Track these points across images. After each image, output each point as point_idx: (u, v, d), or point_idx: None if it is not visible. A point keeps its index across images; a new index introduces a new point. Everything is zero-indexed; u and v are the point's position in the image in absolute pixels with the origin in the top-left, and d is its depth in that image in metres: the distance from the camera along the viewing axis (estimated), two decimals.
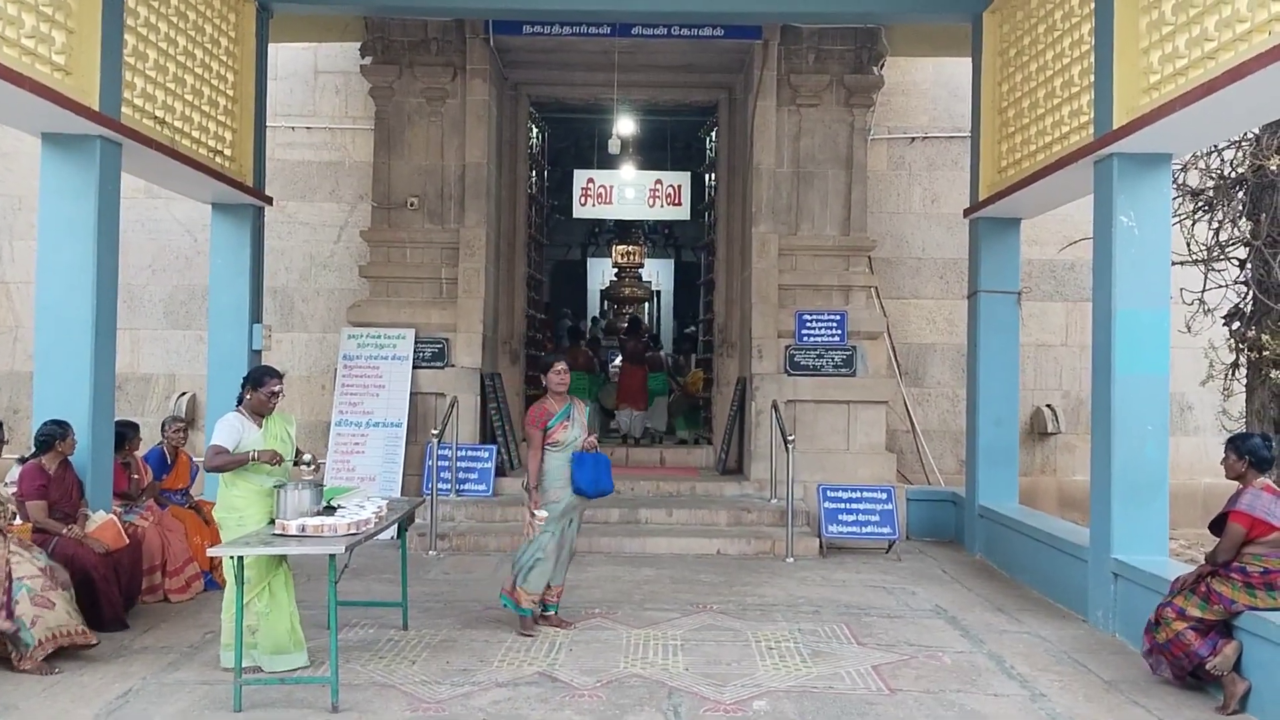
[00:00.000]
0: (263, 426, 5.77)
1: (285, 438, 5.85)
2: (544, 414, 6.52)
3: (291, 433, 5.94)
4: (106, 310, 6.82)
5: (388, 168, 10.39)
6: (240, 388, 5.86)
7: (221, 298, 9.08)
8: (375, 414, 9.93)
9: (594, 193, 17.76)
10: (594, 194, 17.77)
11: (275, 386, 5.78)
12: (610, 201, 17.78)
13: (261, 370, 5.85)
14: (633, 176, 17.82)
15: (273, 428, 5.81)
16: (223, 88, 8.55)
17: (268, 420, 5.81)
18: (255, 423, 5.75)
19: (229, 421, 5.69)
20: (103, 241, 6.73)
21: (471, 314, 10.20)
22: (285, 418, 5.97)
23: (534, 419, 6.52)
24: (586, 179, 17.65)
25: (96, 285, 6.68)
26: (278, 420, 5.87)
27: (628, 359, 13.64)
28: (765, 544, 9.06)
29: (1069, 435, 11.49)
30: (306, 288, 11.26)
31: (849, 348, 10.24)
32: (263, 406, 5.76)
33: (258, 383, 5.77)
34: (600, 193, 17.72)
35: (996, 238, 9.32)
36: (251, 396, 5.76)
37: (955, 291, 11.39)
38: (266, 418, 5.81)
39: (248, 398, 5.78)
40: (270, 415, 5.83)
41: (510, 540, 8.98)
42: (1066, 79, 7.67)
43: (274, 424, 5.83)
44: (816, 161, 10.45)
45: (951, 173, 11.38)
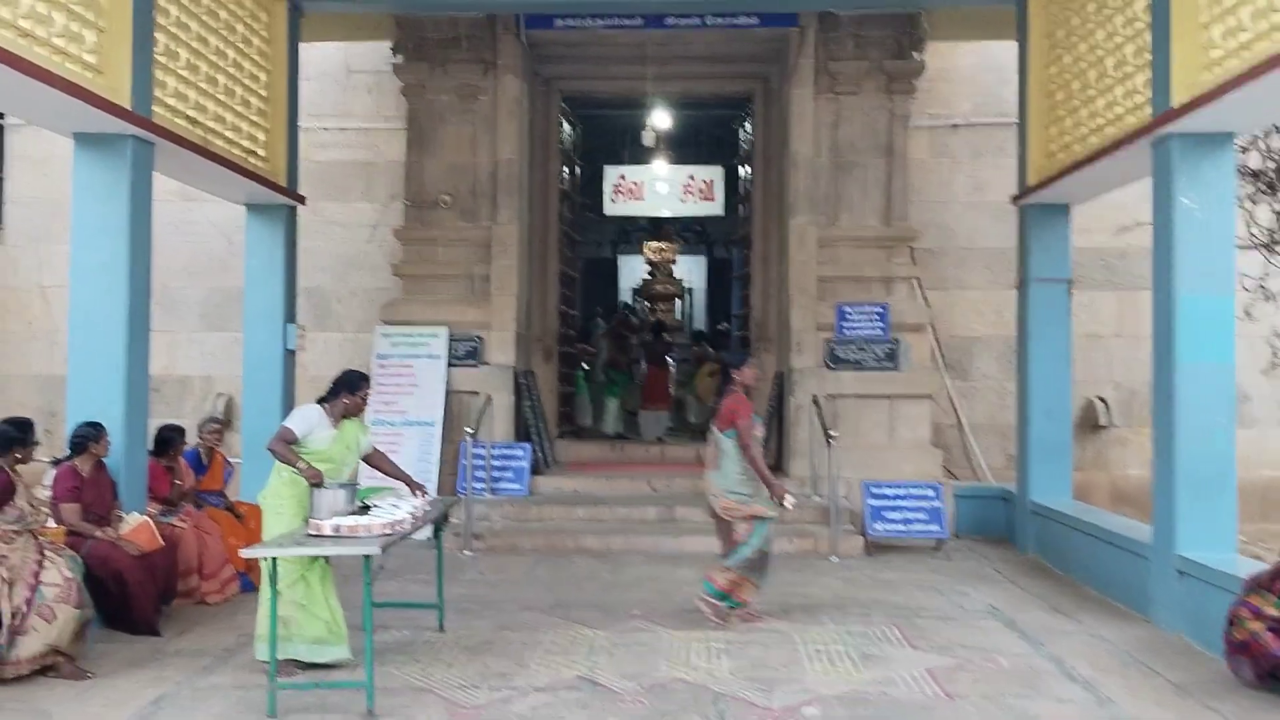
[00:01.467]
0: (339, 428, 5.63)
1: (351, 446, 5.71)
2: (751, 408, 6.47)
3: (364, 442, 5.79)
4: (139, 311, 6.73)
5: (420, 166, 10.27)
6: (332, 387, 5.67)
7: (256, 298, 8.98)
8: (410, 413, 9.80)
9: (625, 189, 17.58)
10: (625, 190, 17.58)
11: (367, 394, 5.66)
12: (642, 197, 17.57)
13: (358, 375, 5.72)
14: (665, 172, 17.57)
15: (347, 433, 5.68)
16: (255, 87, 8.46)
17: (344, 424, 5.67)
18: (332, 422, 5.60)
19: (308, 411, 5.58)
20: (135, 242, 6.64)
21: (505, 311, 10.05)
22: (361, 426, 5.83)
23: (746, 411, 6.43)
24: (618, 175, 17.47)
25: (129, 286, 6.59)
26: (353, 426, 5.73)
27: (651, 360, 13.48)
28: (808, 542, 8.83)
29: (1122, 429, 11.16)
30: (340, 287, 11.17)
31: (891, 341, 9.99)
32: (356, 410, 5.66)
33: (354, 386, 5.64)
34: (632, 189, 17.52)
35: (1046, 225, 9.04)
36: (349, 400, 5.61)
37: (1002, 282, 11.08)
38: (344, 421, 5.66)
39: (345, 401, 5.61)
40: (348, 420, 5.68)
41: (545, 540, 8.85)
42: (1119, 58, 7.40)
43: (349, 429, 5.69)
44: (856, 150, 10.21)
45: (997, 159, 11.08)
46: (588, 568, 8.25)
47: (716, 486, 6.54)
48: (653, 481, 10.05)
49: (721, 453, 6.51)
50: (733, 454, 6.45)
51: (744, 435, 6.39)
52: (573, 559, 8.55)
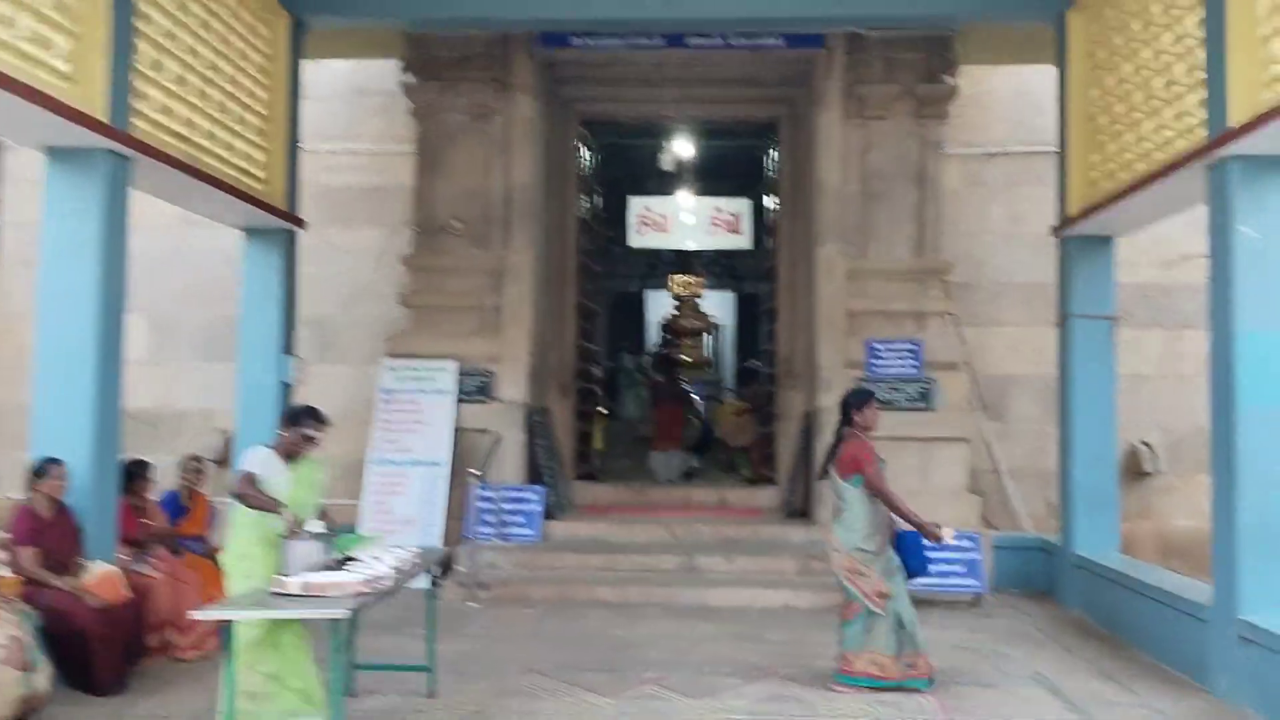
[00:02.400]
0: (292, 469, 5.14)
1: (312, 486, 5.22)
2: (875, 452, 5.99)
3: (318, 480, 5.30)
4: (111, 338, 6.27)
5: (430, 190, 9.83)
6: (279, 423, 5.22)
7: (251, 327, 8.55)
8: (415, 451, 9.30)
9: (651, 221, 17.22)
10: (651, 222, 17.23)
11: (312, 431, 5.14)
12: (667, 230, 17.20)
13: (302, 409, 5.22)
14: (691, 204, 17.19)
15: (302, 473, 5.18)
16: (253, 105, 8.06)
17: (298, 465, 5.18)
18: (284, 464, 5.11)
19: (260, 455, 5.07)
20: (108, 263, 6.19)
21: (517, 344, 9.56)
22: (317, 465, 5.33)
23: (870, 454, 5.97)
24: (643, 207, 17.10)
25: (101, 311, 6.13)
26: (309, 467, 5.23)
27: (662, 397, 12.95)
28: (837, 596, 8.13)
29: (1169, 476, 10.50)
30: (346, 318, 10.72)
31: (925, 379, 9.41)
32: (294, 449, 5.13)
33: (293, 420, 5.14)
34: (657, 221, 17.16)
35: (1088, 258, 8.48)
36: (285, 435, 5.12)
37: (1041, 318, 10.47)
38: (296, 461, 5.18)
39: (284, 437, 5.14)
40: (302, 460, 5.19)
41: (556, 590, 8.29)
42: (1169, 78, 6.88)
43: (304, 470, 5.20)
44: (886, 178, 9.69)
45: (1034, 189, 10.52)
46: (600, 621, 7.69)
47: (838, 540, 6.01)
48: (673, 527, 9.48)
49: (844, 503, 5.98)
50: (858, 505, 5.91)
51: (874, 481, 5.89)
52: (585, 611, 7.98)
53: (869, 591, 5.86)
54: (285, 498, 4.98)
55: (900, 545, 6.03)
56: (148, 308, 10.75)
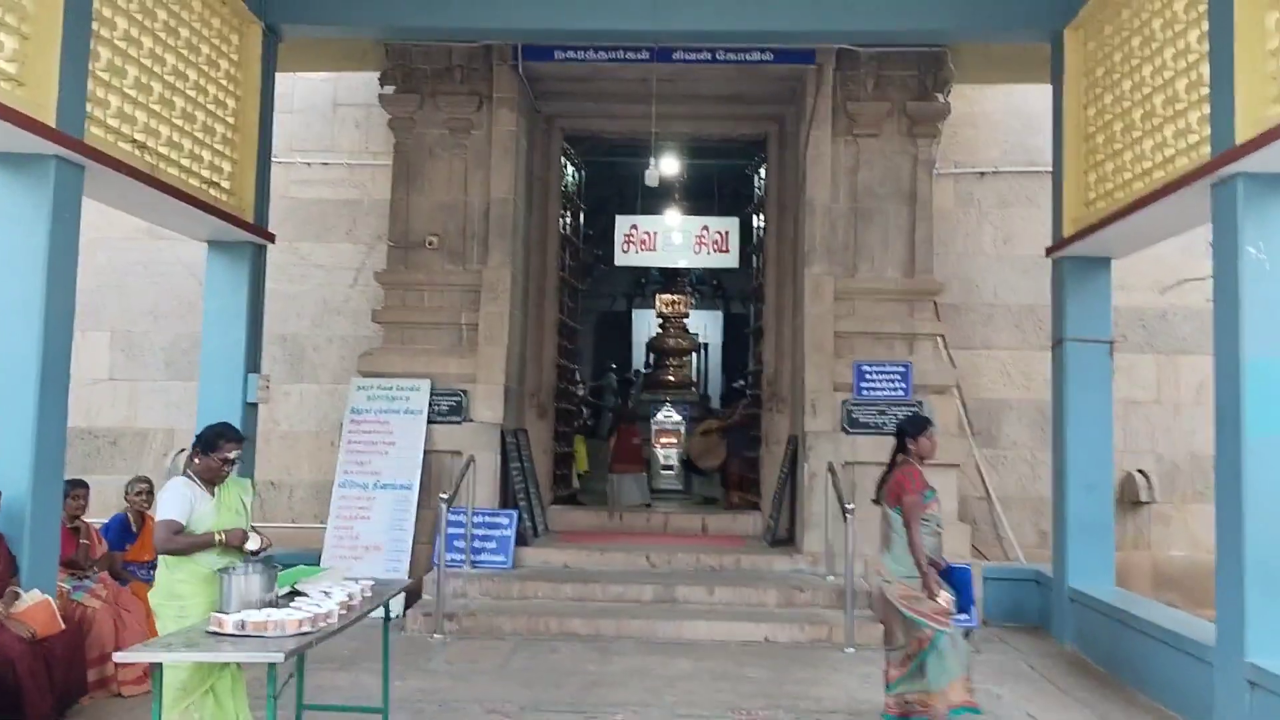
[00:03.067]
0: (215, 495, 4.81)
1: (241, 510, 4.89)
2: (924, 482, 5.66)
3: (248, 504, 4.97)
4: (57, 354, 5.90)
5: (406, 204, 9.51)
6: (191, 448, 4.90)
7: (215, 344, 8.21)
8: (384, 474, 8.94)
9: (637, 239, 16.81)
10: (637, 240, 16.81)
11: (230, 453, 4.80)
12: (654, 248, 16.78)
13: (215, 431, 4.88)
14: (678, 222, 16.83)
15: (227, 498, 4.85)
16: (221, 114, 7.76)
17: (221, 489, 4.85)
18: (207, 491, 4.79)
19: (176, 490, 4.72)
20: (56, 275, 5.84)
21: (493, 363, 9.23)
22: (241, 485, 5.00)
23: (918, 484, 5.63)
24: (629, 225, 16.68)
25: (44, 325, 5.74)
26: (232, 489, 4.90)
27: (624, 419, 12.68)
28: (821, 630, 7.89)
29: (1164, 505, 10.21)
30: (318, 335, 10.39)
31: (915, 403, 9.09)
32: (213, 474, 4.80)
33: (209, 445, 4.80)
34: (644, 239, 16.75)
35: (1084, 279, 8.21)
36: (200, 461, 4.80)
37: (1032, 341, 10.23)
38: (219, 485, 4.85)
39: (195, 461, 4.82)
40: (223, 483, 4.87)
41: (527, 621, 7.92)
42: (1170, 95, 6.63)
43: (228, 493, 4.86)
44: (876, 196, 9.41)
45: (1026, 210, 10.29)
46: (572, 657, 7.33)
47: (889, 570, 5.67)
48: (651, 555, 9.13)
49: (893, 531, 5.66)
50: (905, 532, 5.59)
51: (907, 512, 5.55)
52: (556, 645, 7.63)
53: (931, 613, 5.50)
54: (211, 527, 4.65)
55: (949, 580, 5.65)
56: (111, 323, 10.44)
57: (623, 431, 12.43)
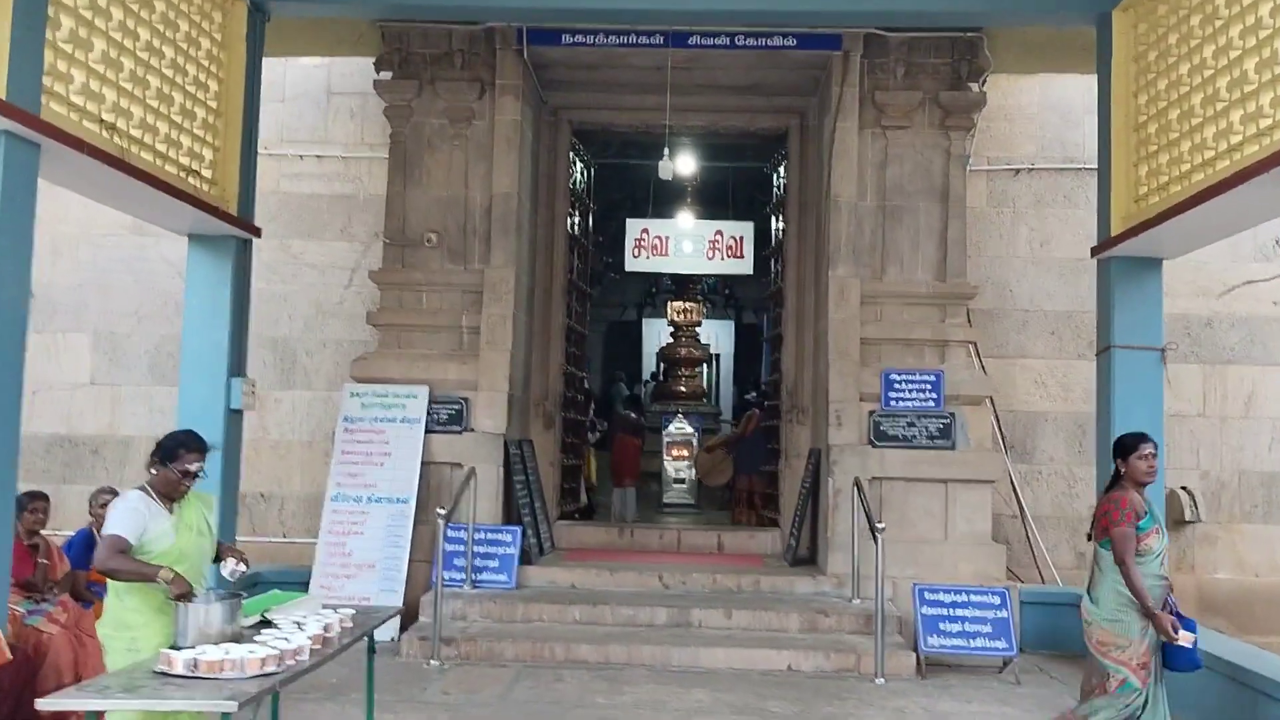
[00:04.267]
0: (174, 513, 4.24)
1: (204, 529, 4.33)
2: (1135, 510, 4.85)
3: (212, 522, 4.41)
4: (9, 355, 5.33)
5: (403, 198, 8.93)
6: (149, 458, 4.32)
7: (196, 345, 7.62)
8: (379, 487, 8.34)
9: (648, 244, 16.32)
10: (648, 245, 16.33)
11: (192, 464, 4.24)
12: (666, 253, 16.30)
13: (177, 439, 4.32)
14: (690, 226, 16.38)
15: (188, 515, 4.29)
16: (202, 97, 7.19)
17: (182, 504, 4.28)
18: (165, 507, 4.22)
19: (130, 504, 4.16)
20: (6, 262, 5.27)
21: (495, 369, 8.63)
22: (204, 500, 4.44)
23: (1127, 513, 4.83)
24: (640, 229, 16.22)
25: None
26: (194, 505, 4.34)
27: (623, 429, 12.19)
28: (848, 658, 7.27)
29: (1209, 525, 9.58)
30: (311, 339, 9.80)
31: (946, 414, 8.48)
32: (172, 489, 4.23)
33: (168, 455, 4.24)
34: (655, 244, 16.27)
35: (1133, 282, 7.57)
36: (158, 473, 4.23)
37: (1069, 350, 9.62)
38: (179, 500, 4.28)
39: (153, 473, 4.25)
40: (184, 499, 4.30)
41: (531, 647, 7.32)
42: (1235, 76, 6.01)
43: (189, 510, 4.30)
44: (905, 193, 8.80)
45: (1064, 210, 9.69)
46: (579, 687, 6.73)
47: (1089, 611, 5.04)
48: (665, 575, 8.51)
49: (1099, 569, 4.99)
50: (1111, 572, 4.90)
51: (1118, 546, 4.81)
52: (562, 673, 7.02)
53: (1128, 662, 4.85)
54: (170, 548, 4.07)
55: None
56: (93, 325, 9.89)
57: (617, 442, 11.88)
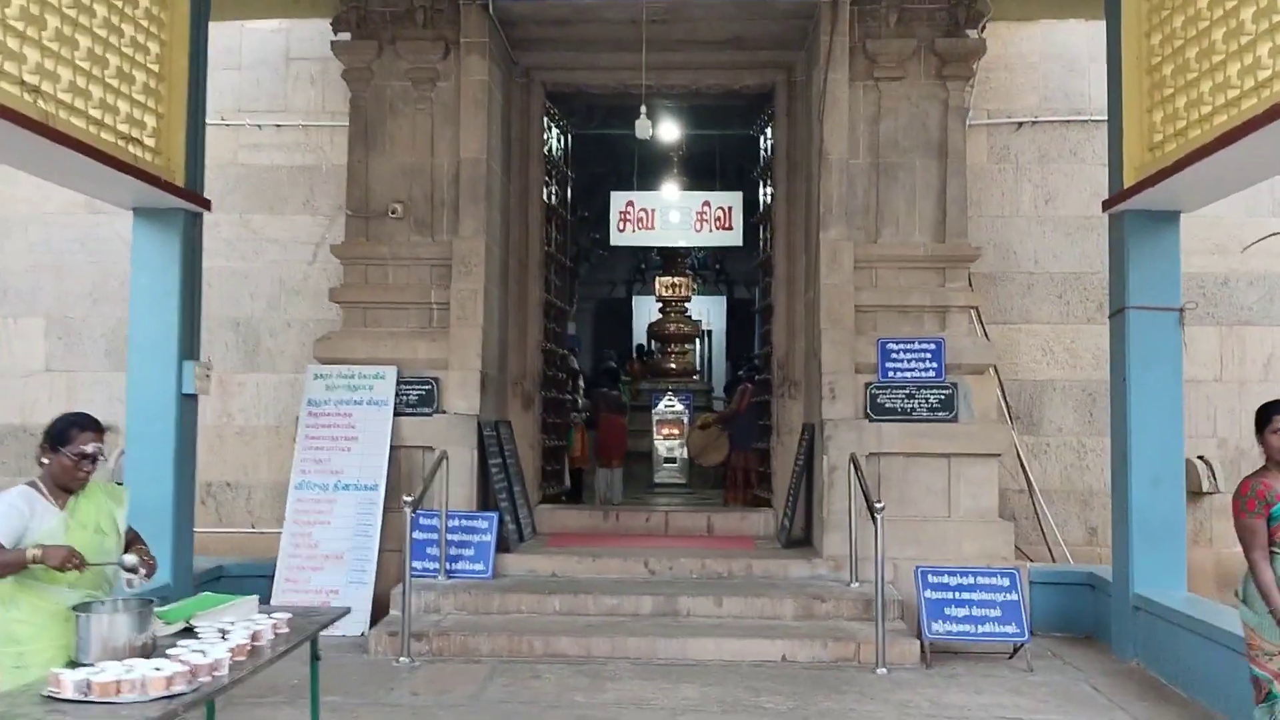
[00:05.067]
0: (67, 507, 3.73)
1: (104, 527, 3.82)
2: (1264, 492, 4.30)
3: (119, 517, 3.90)
4: None
5: (365, 167, 8.37)
6: (38, 447, 3.81)
7: (144, 326, 7.12)
8: (345, 474, 7.85)
9: (633, 217, 15.88)
10: (633, 219, 15.89)
11: (88, 445, 3.74)
12: (653, 226, 15.86)
13: (66, 420, 3.81)
14: (677, 198, 15.95)
15: (85, 510, 3.78)
16: (142, 59, 6.63)
17: (78, 498, 3.77)
18: (56, 502, 3.72)
19: (7, 502, 3.65)
20: None
21: (467, 347, 8.11)
22: (112, 494, 3.93)
23: (1249, 501, 4.32)
24: (625, 202, 15.77)
25: None
26: (97, 497, 3.84)
27: (606, 408, 11.67)
28: (846, 647, 6.79)
29: (1228, 495, 9.02)
30: (275, 319, 9.28)
31: (948, 385, 7.98)
32: (67, 477, 3.73)
33: (60, 439, 3.73)
34: (641, 217, 15.83)
35: (1148, 237, 7.08)
36: (50, 460, 3.72)
37: (1077, 314, 9.12)
38: (77, 494, 3.77)
39: (44, 464, 3.74)
40: (83, 490, 3.79)
41: (508, 641, 6.83)
42: (1263, 6, 5.48)
43: (87, 504, 3.80)
44: (901, 149, 8.26)
45: (1069, 165, 9.17)
46: (558, 683, 6.24)
47: (1239, 610, 4.51)
48: (651, 561, 8.02)
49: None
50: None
51: (1241, 539, 4.33)
52: (540, 669, 6.53)
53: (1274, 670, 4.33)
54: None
55: None
56: (46, 309, 9.37)
57: (601, 421, 11.41)
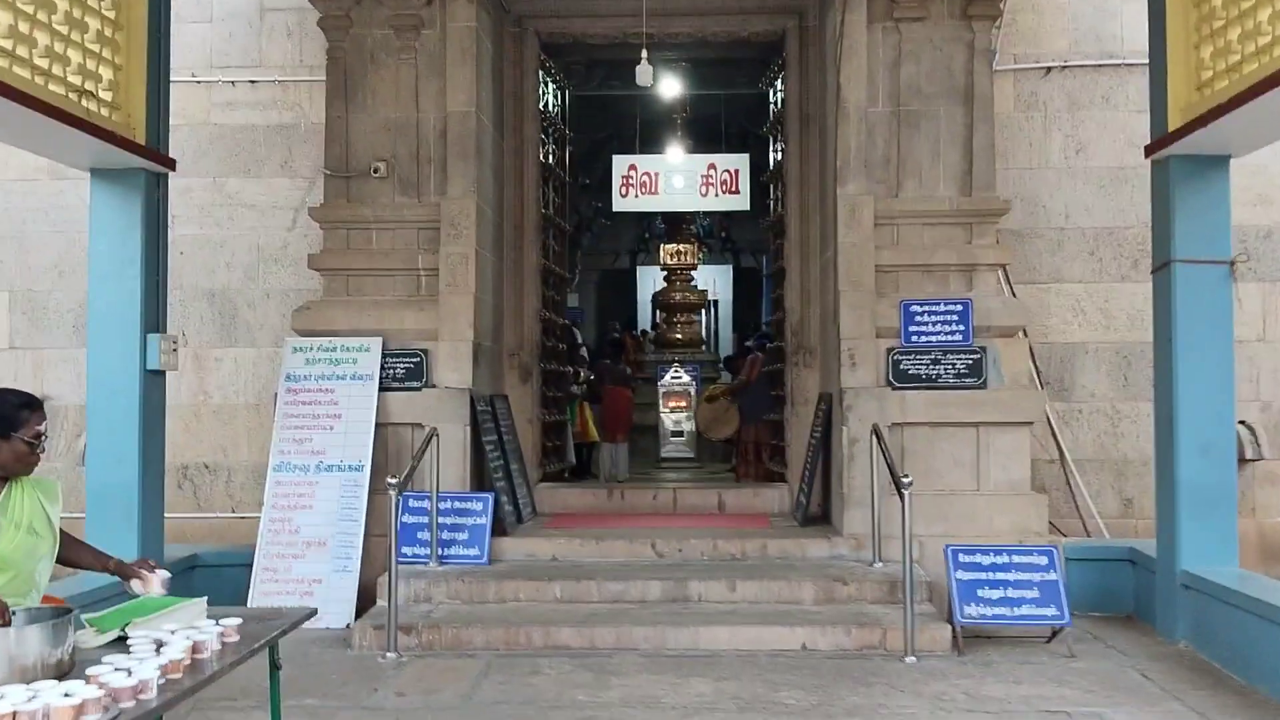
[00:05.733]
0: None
1: (37, 527, 3.29)
2: None
3: (53, 515, 3.36)
4: None
5: (345, 123, 7.77)
6: None
7: (105, 297, 6.57)
8: (328, 454, 7.30)
9: (636, 182, 15.36)
10: (636, 183, 15.37)
11: (40, 424, 3.25)
12: (656, 191, 15.34)
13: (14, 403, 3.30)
14: (681, 161, 15.40)
15: (18, 506, 3.25)
16: (95, 6, 6.05)
17: (10, 492, 3.24)
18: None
19: None
20: None
21: (458, 316, 7.55)
22: (42, 487, 3.40)
23: None
24: (628, 165, 15.24)
25: None
26: (28, 495, 3.30)
27: (611, 380, 11.15)
28: (871, 633, 6.25)
29: (1272, 462, 8.54)
30: (253, 289, 8.72)
31: (976, 349, 7.40)
32: (22, 464, 3.24)
33: (10, 424, 3.23)
34: (644, 181, 15.31)
35: (1196, 184, 6.49)
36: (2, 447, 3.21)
37: (1111, 271, 8.54)
38: (10, 486, 3.25)
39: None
40: (16, 483, 3.26)
41: (504, 633, 6.31)
42: None
43: (22, 502, 3.27)
44: (923, 96, 7.63)
45: (1102, 112, 8.56)
46: (559, 679, 5.72)
47: None
48: (659, 543, 7.48)
49: None
50: None
51: None
52: (539, 663, 6.01)
53: None
54: None
55: None
56: (9, 282, 8.84)
57: (606, 394, 10.88)
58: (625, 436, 10.73)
